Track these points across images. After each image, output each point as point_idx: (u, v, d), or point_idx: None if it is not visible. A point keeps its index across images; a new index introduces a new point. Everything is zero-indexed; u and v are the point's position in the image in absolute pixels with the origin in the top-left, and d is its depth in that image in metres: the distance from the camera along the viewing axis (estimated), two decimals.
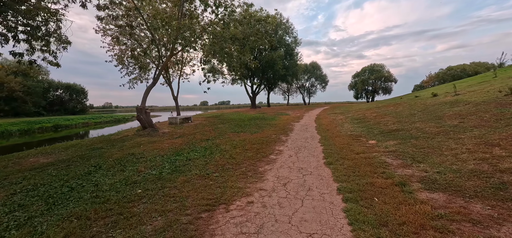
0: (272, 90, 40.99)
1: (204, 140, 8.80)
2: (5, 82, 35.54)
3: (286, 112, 23.53)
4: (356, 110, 18.62)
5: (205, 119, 17.70)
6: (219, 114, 21.54)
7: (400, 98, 21.41)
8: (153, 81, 10.67)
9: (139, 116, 10.55)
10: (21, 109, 38.51)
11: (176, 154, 6.60)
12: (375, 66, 59.90)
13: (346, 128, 10.82)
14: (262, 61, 28.76)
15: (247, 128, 11.99)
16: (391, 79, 58.94)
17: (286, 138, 8.81)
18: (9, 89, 35.77)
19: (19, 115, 37.55)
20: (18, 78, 37.37)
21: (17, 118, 34.56)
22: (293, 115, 19.55)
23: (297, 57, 33.03)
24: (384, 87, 59.38)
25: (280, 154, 6.42)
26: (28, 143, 19.84)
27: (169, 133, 10.44)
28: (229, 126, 12.67)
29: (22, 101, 38.53)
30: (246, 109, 30.06)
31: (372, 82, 59.71)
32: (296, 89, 53.72)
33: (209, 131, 10.93)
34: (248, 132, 10.65)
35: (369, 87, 61.34)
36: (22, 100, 38.40)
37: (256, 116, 17.91)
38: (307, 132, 10.33)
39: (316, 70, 51.49)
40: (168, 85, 17.74)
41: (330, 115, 18.48)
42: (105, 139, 9.92)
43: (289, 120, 16.14)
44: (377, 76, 58.24)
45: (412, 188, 3.57)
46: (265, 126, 12.66)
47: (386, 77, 58.10)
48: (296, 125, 13.24)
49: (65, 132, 29.49)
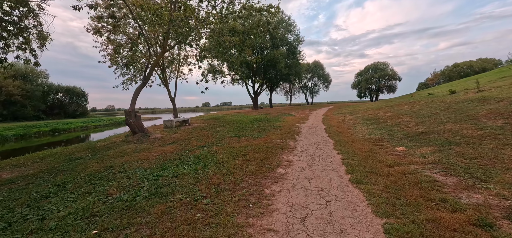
0: (274, 90, 39.74)
1: (199, 147, 7.54)
2: (3, 86, 34.64)
3: (289, 113, 22.22)
4: (365, 110, 17.26)
5: (204, 121, 16.46)
6: (220, 116, 20.30)
7: (410, 97, 20.01)
8: (143, 81, 9.46)
9: (128, 120, 9.34)
10: (20, 113, 37.61)
11: (162, 168, 5.34)
12: (378, 64, 58.42)
13: (361, 130, 9.50)
14: (264, 60, 27.51)
15: (249, 131, 10.73)
16: (395, 77, 57.42)
17: (294, 144, 7.52)
18: (7, 93, 34.87)
19: (18, 120, 36.62)
20: (16, 82, 36.47)
21: (15, 122, 33.63)
22: (298, 116, 18.23)
23: (299, 56, 31.75)
24: (388, 86, 57.89)
25: (290, 166, 5.13)
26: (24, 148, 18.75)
27: (161, 139, 9.21)
28: (229, 129, 11.41)
29: (21, 105, 37.65)
30: (248, 111, 28.82)
31: (376, 81, 58.24)
32: (299, 89, 52.41)
33: (206, 136, 9.69)
34: (250, 136, 9.38)
35: (372, 86, 59.87)
36: (21, 104, 37.52)
37: (258, 118, 16.64)
38: (317, 135, 9.03)
39: (318, 69, 50.12)
40: (164, 86, 16.53)
41: (338, 115, 17.14)
42: (89, 146, 8.71)
43: (294, 121, 14.83)
44: (381, 74, 56.74)
45: (503, 232, 2.27)
46: (269, 128, 11.38)
47: (390, 76, 56.61)
48: (303, 127, 11.94)
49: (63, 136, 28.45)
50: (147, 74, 9.49)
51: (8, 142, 25.06)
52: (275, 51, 25.98)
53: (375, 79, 58.13)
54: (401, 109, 12.70)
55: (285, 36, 28.58)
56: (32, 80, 40.32)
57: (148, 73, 9.51)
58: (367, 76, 59.20)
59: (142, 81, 9.45)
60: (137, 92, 9.50)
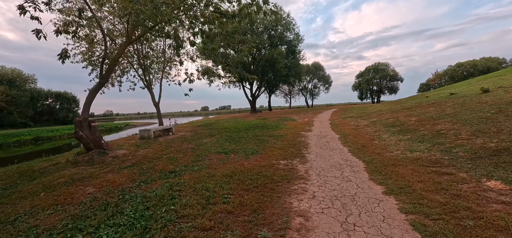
0: (273, 92, 37.31)
1: (165, 174, 5.02)
2: None
3: (291, 117, 19.72)
4: (377, 112, 14.79)
5: (193, 128, 13.94)
6: (213, 121, 17.77)
7: (426, 97, 17.60)
8: (99, 81, 6.97)
9: (78, 133, 6.82)
10: (6, 120, 34.98)
11: (74, 228, 2.84)
12: (379, 65, 56.21)
13: (391, 142, 6.98)
14: (262, 61, 25.08)
15: (242, 143, 8.22)
16: (397, 78, 55.21)
17: (305, 168, 5.00)
18: None
19: (4, 127, 33.97)
20: (1, 88, 33.91)
21: (2, 130, 31.01)
22: (301, 121, 15.73)
23: (299, 56, 29.32)
24: (390, 87, 55.64)
25: (308, 231, 2.64)
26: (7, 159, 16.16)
27: (122, 158, 6.68)
28: (217, 140, 8.90)
29: (7, 112, 35.07)
30: (245, 115, 26.30)
31: (377, 82, 55.95)
32: (298, 91, 50.01)
33: (185, 151, 7.16)
34: (242, 151, 6.87)
35: (374, 87, 57.61)
36: (7, 110, 34.93)
37: (255, 124, 14.12)
38: (333, 150, 6.53)
39: (318, 71, 47.78)
40: (146, 88, 14.05)
41: (347, 120, 14.64)
42: (24, 170, 6.19)
43: (298, 127, 12.33)
44: (382, 75, 54.50)
45: None
46: (268, 139, 8.86)
47: (392, 77, 54.39)
48: (310, 135, 9.43)
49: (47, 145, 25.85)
50: (106, 71, 7.02)
51: None
52: (273, 50, 23.56)
53: (376, 80, 55.86)
54: (427, 113, 10.25)
55: (284, 34, 26.19)
56: (18, 86, 37.77)
57: (106, 70, 7.04)
58: (368, 77, 56.92)
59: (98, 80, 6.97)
60: (91, 96, 7.00)
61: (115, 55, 7.24)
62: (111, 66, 7.15)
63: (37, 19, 5.23)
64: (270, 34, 25.41)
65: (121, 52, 7.33)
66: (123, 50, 7.43)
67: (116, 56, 7.22)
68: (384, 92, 56.64)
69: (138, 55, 12.90)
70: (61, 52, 5.69)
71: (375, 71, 55.53)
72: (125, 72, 14.32)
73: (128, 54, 13.47)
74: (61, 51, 5.68)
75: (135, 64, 13.71)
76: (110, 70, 7.14)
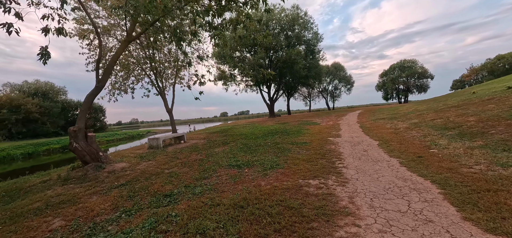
0: (292, 95, 35.56)
1: (157, 200, 3.78)
2: (22, 104, 34.14)
3: (312, 120, 17.99)
4: (415, 113, 12.64)
5: (207, 135, 12.86)
6: (229, 127, 16.63)
7: (472, 93, 15.00)
8: (96, 86, 6.05)
9: (73, 144, 5.92)
10: (40, 130, 37.04)
11: None
12: (405, 62, 52.10)
13: (458, 150, 5.16)
14: (279, 62, 23.66)
15: (259, 153, 6.84)
16: (426, 75, 50.65)
17: (347, 192, 3.49)
18: (26, 111, 34.29)
19: (38, 137, 35.95)
20: (35, 100, 35.97)
21: (34, 139, 32.75)
22: (325, 125, 14.00)
23: (319, 56, 27.40)
24: (418, 85, 51.18)
25: None
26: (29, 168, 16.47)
27: (118, 173, 5.63)
28: (231, 150, 7.61)
29: (41, 122, 37.11)
30: (263, 119, 24.94)
31: (404, 81, 51.75)
32: (318, 94, 47.63)
33: (191, 165, 5.95)
34: (259, 164, 5.49)
35: (400, 86, 53.42)
36: (41, 121, 36.95)
37: (274, 129, 12.69)
38: (377, 162, 4.91)
39: (339, 71, 45.14)
40: (159, 94, 13.28)
41: (378, 122, 12.67)
42: (9, 189, 5.36)
43: (323, 132, 10.69)
44: (409, 73, 50.30)
45: None
46: (290, 147, 7.40)
47: (421, 74, 50.00)
48: (340, 142, 7.79)
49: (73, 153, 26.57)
50: (103, 74, 6.09)
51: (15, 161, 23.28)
52: (291, 51, 22.02)
53: (403, 79, 51.68)
54: (488, 111, 8.17)
55: (302, 33, 24.53)
56: (51, 98, 39.97)
57: (103, 73, 6.11)
58: (393, 76, 52.91)
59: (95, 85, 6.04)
60: (87, 102, 6.10)
61: (113, 56, 6.31)
62: (109, 68, 6.22)
63: None
64: (287, 34, 23.94)
65: (120, 52, 6.37)
66: (122, 51, 6.47)
67: (114, 57, 6.27)
68: (412, 91, 52.21)
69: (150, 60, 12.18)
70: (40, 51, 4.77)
71: (401, 69, 51.43)
72: (139, 79, 13.75)
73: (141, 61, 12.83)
74: (39, 49, 4.76)
75: (148, 70, 13.02)
76: (107, 73, 6.20)
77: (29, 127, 35.42)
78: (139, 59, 12.71)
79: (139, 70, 13.13)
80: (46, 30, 5.19)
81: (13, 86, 38.52)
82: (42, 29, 5.17)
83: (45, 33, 5.20)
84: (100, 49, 6.10)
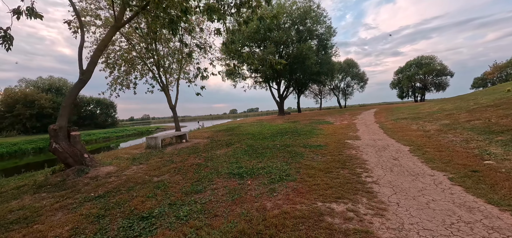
0: (302, 93, 34.18)
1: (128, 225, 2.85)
2: (36, 99, 34.71)
3: (324, 119, 16.74)
4: (443, 113, 11.19)
5: (212, 133, 11.97)
6: (235, 126, 15.69)
7: (507, 91, 13.29)
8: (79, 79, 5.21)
9: (53, 145, 5.13)
10: None
11: None
12: (423, 58, 49.28)
13: None
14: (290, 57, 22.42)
15: (266, 157, 5.83)
16: (445, 72, 47.71)
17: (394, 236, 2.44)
18: (39, 106, 34.86)
19: None
20: (48, 95, 36.51)
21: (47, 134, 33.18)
22: (339, 125, 12.78)
23: (332, 51, 25.85)
24: (437, 83, 48.32)
25: None
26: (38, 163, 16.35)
27: (101, 179, 4.77)
28: (234, 153, 6.64)
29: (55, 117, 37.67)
30: (273, 117, 23.83)
31: (421, 78, 49.00)
32: (330, 91, 45.86)
33: (185, 172, 5.01)
34: (265, 174, 4.48)
35: (417, 84, 50.67)
36: (54, 116, 37.49)
37: (284, 129, 11.61)
38: (417, 176, 3.76)
39: (352, 68, 43.15)
40: (162, 90, 12.49)
41: (400, 122, 11.32)
42: None
43: (338, 133, 9.51)
44: (427, 70, 47.54)
45: None
46: (302, 151, 6.33)
47: (439, 71, 47.14)
48: (361, 146, 6.63)
49: None
50: (88, 64, 5.25)
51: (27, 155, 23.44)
52: (302, 45, 20.72)
53: (420, 76, 48.95)
54: None
55: (314, 28, 23.12)
56: (64, 94, 40.52)
57: (88, 63, 5.27)
58: (409, 73, 50.21)
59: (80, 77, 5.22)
60: (70, 97, 5.29)
61: (99, 44, 5.45)
62: (95, 58, 5.37)
63: None
64: (298, 28, 22.62)
65: (108, 40, 5.51)
66: (110, 38, 5.61)
67: (101, 46, 5.42)
68: (430, 89, 49.39)
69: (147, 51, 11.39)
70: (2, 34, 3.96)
71: (418, 66, 48.67)
72: (143, 74, 13.02)
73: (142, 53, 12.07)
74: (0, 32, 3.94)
75: (151, 64, 12.24)
76: (93, 63, 5.35)
77: (43, 121, 36.00)
78: (141, 52, 11.96)
79: (142, 64, 12.38)
80: (18, 12, 4.39)
81: (28, 81, 39.30)
82: (13, 11, 4.37)
83: (17, 15, 4.39)
84: (82, 34, 5.25)
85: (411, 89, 52.02)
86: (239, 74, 24.62)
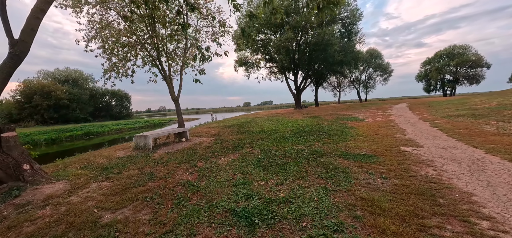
0: (321, 85, 31.38)
1: None
2: (52, 90, 34.72)
3: (350, 114, 14.25)
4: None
5: (219, 130, 10.02)
6: (248, 120, 13.65)
7: None
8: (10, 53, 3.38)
9: None
10: (71, 116, 37.77)
11: None
12: (455, 48, 44.23)
13: None
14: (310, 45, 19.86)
15: (290, 175, 3.73)
16: (481, 64, 42.48)
17: None
18: (56, 97, 34.87)
19: (69, 122, 36.67)
20: (64, 87, 36.46)
21: (66, 125, 33.18)
22: (372, 122, 10.33)
23: (356, 38, 22.81)
24: (470, 76, 43.28)
25: None
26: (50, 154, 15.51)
27: (29, 210, 2.93)
28: (242, 164, 4.58)
29: (72, 108, 37.77)
30: (289, 111, 21.52)
31: (452, 70, 44.10)
32: (349, 84, 42.43)
33: (163, 200, 3.01)
34: (293, 221, 2.41)
35: (447, 76, 45.78)
36: (71, 107, 37.58)
37: (306, 126, 9.40)
38: None
39: (375, 58, 39.38)
40: (163, 79, 10.68)
41: (457, 121, 8.69)
42: None
43: (382, 135, 7.15)
44: (460, 61, 42.59)
45: None
46: (344, 167, 4.15)
47: (474, 62, 42.03)
48: (435, 159, 4.30)
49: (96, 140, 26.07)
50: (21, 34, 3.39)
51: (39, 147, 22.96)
52: (324, 30, 18.06)
53: (451, 68, 44.06)
54: None
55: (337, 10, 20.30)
56: (80, 85, 40.52)
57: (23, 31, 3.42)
58: (439, 64, 45.41)
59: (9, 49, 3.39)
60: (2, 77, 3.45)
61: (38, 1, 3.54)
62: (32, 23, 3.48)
63: None
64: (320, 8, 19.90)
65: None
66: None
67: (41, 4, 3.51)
68: (462, 82, 44.43)
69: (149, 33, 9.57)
70: None
71: (449, 57, 43.74)
72: (146, 61, 11.26)
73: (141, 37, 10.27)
74: None
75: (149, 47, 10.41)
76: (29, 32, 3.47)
77: (60, 112, 36.12)
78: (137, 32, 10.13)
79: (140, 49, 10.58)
80: None
81: (46, 73, 39.55)
82: None
83: None
84: None
85: (440, 82, 47.17)
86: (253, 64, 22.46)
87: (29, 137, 24.31)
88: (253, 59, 22.44)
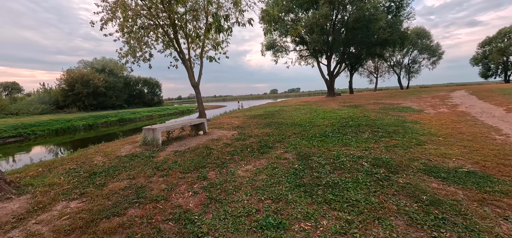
0: (356, 70, 28.02)
1: None
2: (90, 79, 36.81)
3: (400, 103, 11.74)
4: None
5: (243, 120, 8.61)
6: (276, 109, 12.02)
7: None
8: None
9: None
10: (107, 103, 40.04)
11: None
12: None
13: None
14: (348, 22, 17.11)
15: (354, 212, 2.15)
16: None
17: None
18: (94, 85, 36.95)
19: (106, 109, 38.93)
20: (101, 75, 38.44)
21: (104, 111, 35.19)
22: (434, 114, 7.95)
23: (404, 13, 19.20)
24: None
25: None
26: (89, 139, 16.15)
27: None
28: (269, 178, 3.09)
29: (108, 96, 39.96)
30: (321, 99, 19.28)
31: None
32: (388, 68, 37.71)
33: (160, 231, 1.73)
34: None
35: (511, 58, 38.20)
36: (108, 95, 39.73)
37: (350, 119, 7.49)
38: None
39: (422, 39, 34.04)
40: (182, 63, 9.52)
41: None
42: None
43: (469, 135, 4.97)
44: None
45: None
46: (445, 200, 2.40)
47: None
48: None
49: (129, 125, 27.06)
50: None
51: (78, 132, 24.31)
52: (367, 2, 15.19)
53: None
54: None
55: None
56: (115, 74, 42.46)
57: None
58: (502, 45, 37.94)
59: None
60: None
61: None
62: None
63: None
64: None
65: None
66: None
67: None
68: None
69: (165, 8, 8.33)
70: None
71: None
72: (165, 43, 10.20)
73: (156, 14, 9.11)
74: None
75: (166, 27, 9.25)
76: None
77: (99, 99, 38.39)
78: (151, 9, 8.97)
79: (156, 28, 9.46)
80: None
81: (86, 62, 42.09)
82: None
83: None
84: None
85: (502, 66, 39.61)
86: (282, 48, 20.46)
87: (70, 122, 25.80)
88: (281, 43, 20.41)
